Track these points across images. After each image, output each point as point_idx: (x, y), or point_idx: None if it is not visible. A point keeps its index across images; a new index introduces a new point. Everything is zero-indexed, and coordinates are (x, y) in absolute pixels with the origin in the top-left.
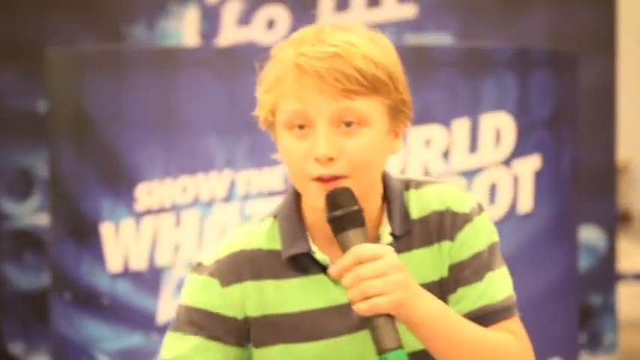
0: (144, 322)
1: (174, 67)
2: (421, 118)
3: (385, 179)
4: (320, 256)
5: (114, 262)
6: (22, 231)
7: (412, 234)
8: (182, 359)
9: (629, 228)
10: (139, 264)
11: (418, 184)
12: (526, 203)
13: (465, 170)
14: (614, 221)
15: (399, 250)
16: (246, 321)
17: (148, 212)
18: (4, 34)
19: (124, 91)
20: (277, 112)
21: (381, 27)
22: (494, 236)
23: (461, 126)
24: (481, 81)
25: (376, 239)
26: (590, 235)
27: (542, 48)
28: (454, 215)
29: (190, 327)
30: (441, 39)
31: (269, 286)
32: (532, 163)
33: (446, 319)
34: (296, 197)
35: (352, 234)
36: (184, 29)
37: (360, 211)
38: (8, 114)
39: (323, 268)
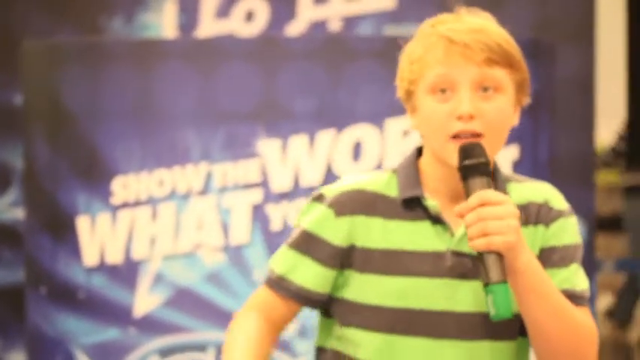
0: (120, 315)
1: (150, 60)
2: (400, 109)
3: (495, 162)
4: (430, 202)
5: (90, 256)
6: None
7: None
8: (286, 272)
9: None
10: (115, 258)
11: (519, 180)
12: None
13: None
14: (593, 211)
15: None
16: (351, 249)
17: (124, 206)
18: None
19: (101, 84)
20: (422, 80)
21: (360, 18)
22: (579, 239)
23: None
24: None
25: None
26: None
27: (520, 36)
28: (550, 209)
29: (301, 246)
30: None
31: (377, 223)
32: (510, 152)
33: (542, 275)
34: (416, 157)
35: (479, 181)
36: (163, 22)
37: (487, 164)
38: None
39: (431, 217)
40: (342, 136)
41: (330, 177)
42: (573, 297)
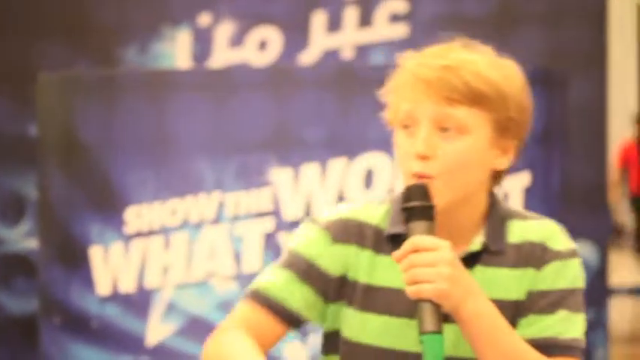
0: (133, 345)
1: (164, 91)
2: None
3: (493, 201)
4: None
5: (103, 286)
6: (14, 255)
7: (505, 254)
8: (270, 288)
9: (621, 242)
10: (128, 287)
11: (525, 217)
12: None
13: None
14: (606, 237)
15: (487, 264)
16: (340, 279)
17: (137, 235)
18: None
19: (115, 115)
20: (396, 113)
21: (373, 47)
22: (579, 283)
23: None
24: None
25: (466, 246)
26: (582, 251)
27: (532, 66)
28: (546, 249)
29: (290, 266)
30: None
31: (366, 255)
32: (522, 179)
33: (493, 323)
34: None
35: (418, 225)
36: (177, 52)
37: (430, 207)
38: (0, 138)
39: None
40: (353, 164)
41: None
42: (556, 346)
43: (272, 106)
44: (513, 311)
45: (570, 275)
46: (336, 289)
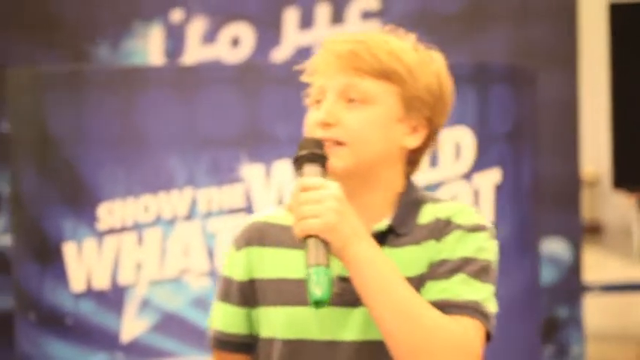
0: (108, 341)
1: (135, 87)
2: None
3: (409, 186)
4: None
5: (77, 282)
6: None
7: (412, 234)
8: (217, 325)
9: (598, 240)
10: (101, 283)
11: (439, 201)
12: (487, 217)
13: (425, 185)
14: (579, 233)
15: (394, 245)
16: (250, 283)
17: (110, 231)
18: None
19: (86, 111)
20: (312, 91)
21: None
22: (485, 254)
23: None
24: None
25: (373, 224)
26: (555, 247)
27: (500, 63)
28: (449, 223)
29: (217, 294)
30: None
31: (269, 253)
32: (492, 176)
33: (383, 269)
34: None
35: (307, 168)
36: (149, 48)
37: (322, 156)
38: None
39: None
40: None
41: None
42: (451, 306)
43: (244, 102)
44: (418, 286)
45: (472, 246)
46: (251, 293)
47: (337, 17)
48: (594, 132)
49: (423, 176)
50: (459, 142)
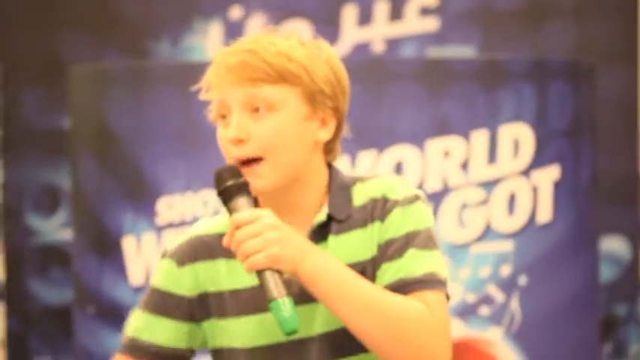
0: None
1: (194, 82)
2: (440, 130)
3: (331, 173)
4: None
5: (136, 276)
6: (48, 246)
7: (352, 218)
8: (137, 333)
9: None
10: None
11: (364, 179)
12: (545, 214)
13: (483, 181)
14: (638, 231)
15: (338, 231)
16: (203, 297)
17: (169, 226)
18: (30, 53)
19: (146, 106)
20: (214, 107)
21: (404, 40)
22: (425, 223)
23: (480, 137)
24: (499, 92)
25: (312, 220)
26: (614, 245)
27: (559, 59)
28: (387, 200)
29: (147, 305)
30: (463, 51)
31: (221, 265)
32: (551, 173)
33: (336, 276)
34: None
35: (233, 203)
36: (208, 45)
37: (244, 184)
38: (34, 131)
39: None
40: (382, 156)
41: None
42: (408, 284)
43: None
44: (372, 269)
45: (412, 219)
46: (201, 308)
47: (396, 14)
48: None
49: (480, 173)
50: (517, 138)
